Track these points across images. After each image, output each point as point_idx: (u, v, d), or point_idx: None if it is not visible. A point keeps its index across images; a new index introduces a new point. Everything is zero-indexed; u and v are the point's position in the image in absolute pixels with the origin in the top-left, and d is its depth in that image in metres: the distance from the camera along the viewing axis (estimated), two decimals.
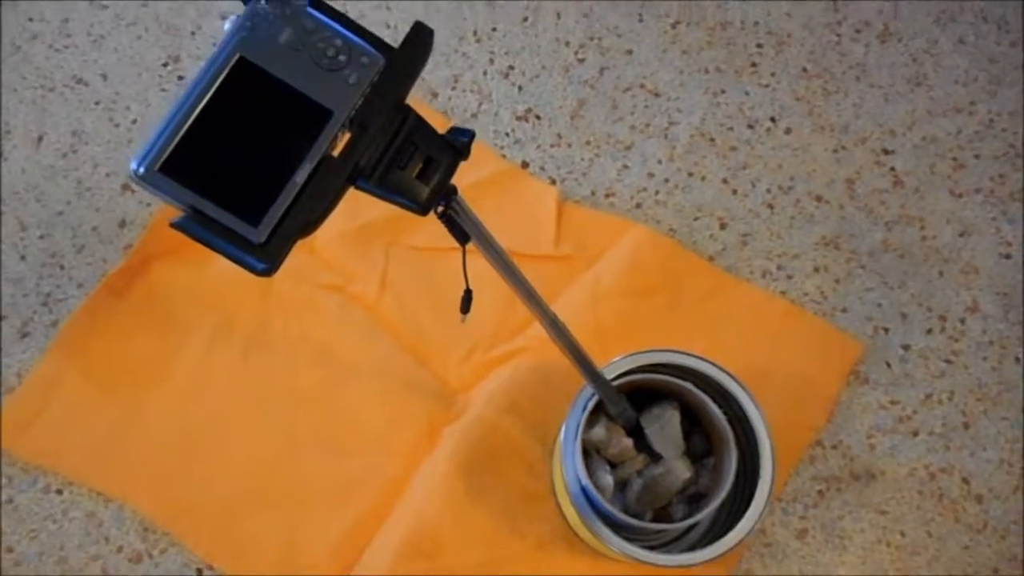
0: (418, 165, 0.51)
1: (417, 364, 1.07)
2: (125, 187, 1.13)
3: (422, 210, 0.51)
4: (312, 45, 0.48)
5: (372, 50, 0.49)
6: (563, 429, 0.86)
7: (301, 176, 0.47)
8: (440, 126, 0.53)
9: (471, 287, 0.64)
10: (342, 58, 0.48)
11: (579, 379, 0.81)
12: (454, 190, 0.54)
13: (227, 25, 0.47)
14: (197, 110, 0.46)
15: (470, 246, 0.59)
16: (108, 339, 1.07)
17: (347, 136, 0.49)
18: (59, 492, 1.02)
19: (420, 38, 0.51)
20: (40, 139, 1.16)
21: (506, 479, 1.01)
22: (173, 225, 0.46)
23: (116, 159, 1.15)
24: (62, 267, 1.10)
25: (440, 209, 0.55)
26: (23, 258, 1.10)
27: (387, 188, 0.50)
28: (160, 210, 1.12)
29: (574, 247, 1.11)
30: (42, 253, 1.11)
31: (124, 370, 1.06)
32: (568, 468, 0.83)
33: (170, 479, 1.02)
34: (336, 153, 0.48)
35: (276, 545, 1.00)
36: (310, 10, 0.48)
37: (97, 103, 1.18)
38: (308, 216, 0.47)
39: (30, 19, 1.21)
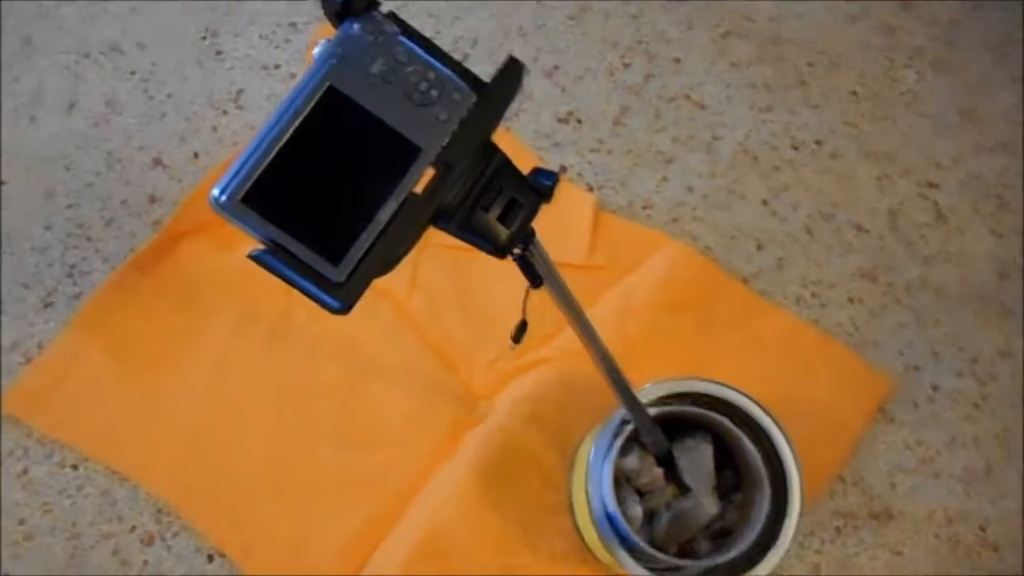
0: (500, 207, 0.49)
1: (442, 366, 1.06)
2: (156, 161, 1.12)
3: (500, 254, 0.50)
4: (404, 77, 0.46)
5: (464, 85, 0.47)
6: (592, 448, 0.85)
7: (385, 214, 0.45)
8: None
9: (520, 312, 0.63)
10: (434, 93, 0.46)
11: (604, 393, 0.79)
12: (532, 233, 0.52)
13: (316, 50, 0.45)
14: (283, 140, 0.44)
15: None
16: (131, 316, 1.06)
17: (432, 173, 0.47)
18: (74, 467, 1.01)
19: (511, 74, 0.49)
20: (72, 106, 1.14)
21: (524, 489, 1.00)
22: (251, 257, 0.44)
23: (149, 132, 1.13)
24: (89, 239, 1.09)
25: (517, 251, 0.53)
26: (48, 227, 1.09)
27: (468, 230, 0.48)
28: (193, 188, 1.10)
29: (607, 258, 1.10)
30: (68, 223, 1.09)
31: (146, 349, 1.05)
32: (595, 491, 0.82)
33: (184, 463, 1.02)
34: (420, 191, 0.47)
35: (287, 537, 1.00)
36: (402, 39, 0.46)
37: (133, 73, 1.16)
38: (388, 256, 0.45)
39: None
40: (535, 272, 0.54)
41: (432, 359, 1.06)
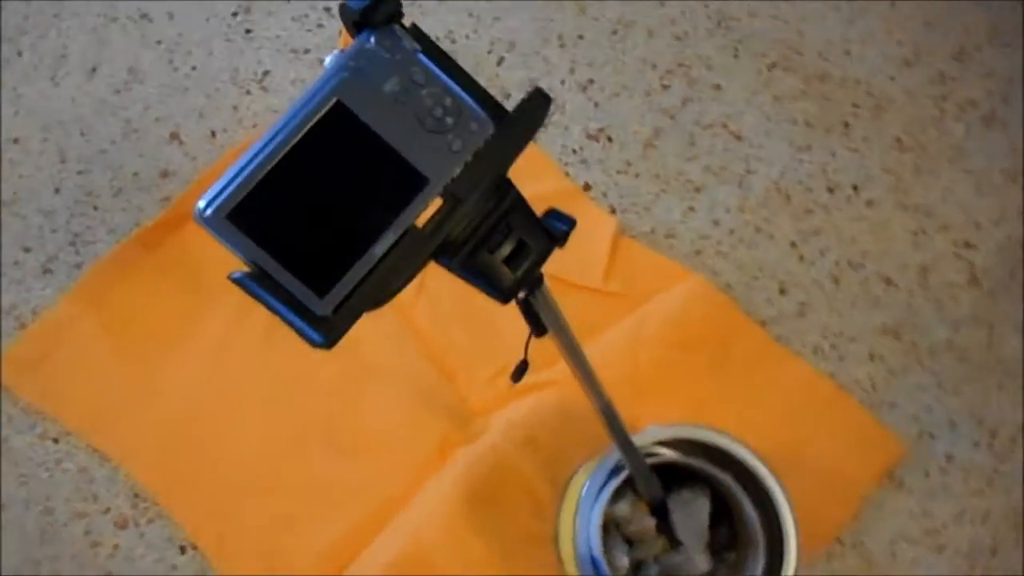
0: (509, 248, 0.45)
1: (440, 377, 1.03)
2: (173, 136, 1.09)
3: (503, 299, 0.46)
4: (418, 100, 0.42)
5: (483, 114, 0.43)
6: (585, 485, 0.82)
7: (381, 247, 0.41)
8: None
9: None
10: (449, 120, 0.42)
11: (601, 426, 0.75)
12: (540, 279, 0.49)
13: (328, 60, 0.42)
14: (280, 154, 0.40)
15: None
16: (131, 292, 1.03)
17: (437, 205, 0.43)
18: (55, 441, 0.99)
19: (535, 106, 0.45)
20: (94, 70, 1.11)
21: (511, 516, 0.97)
22: (232, 280, 0.41)
23: (168, 105, 1.10)
24: (96, 208, 1.06)
25: (521, 295, 0.49)
26: (57, 191, 1.06)
27: (471, 270, 0.45)
28: (207, 167, 1.07)
29: (624, 285, 1.06)
30: (78, 189, 1.06)
31: (142, 328, 1.02)
32: (582, 532, 0.78)
33: (169, 449, 0.99)
34: (421, 224, 0.43)
35: (265, 537, 0.97)
36: (421, 57, 0.42)
37: (159, 42, 1.13)
38: (380, 292, 0.42)
39: None
40: (539, 321, 0.50)
41: (431, 369, 1.03)
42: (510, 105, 0.86)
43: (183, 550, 0.96)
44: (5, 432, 0.98)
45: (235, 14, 1.14)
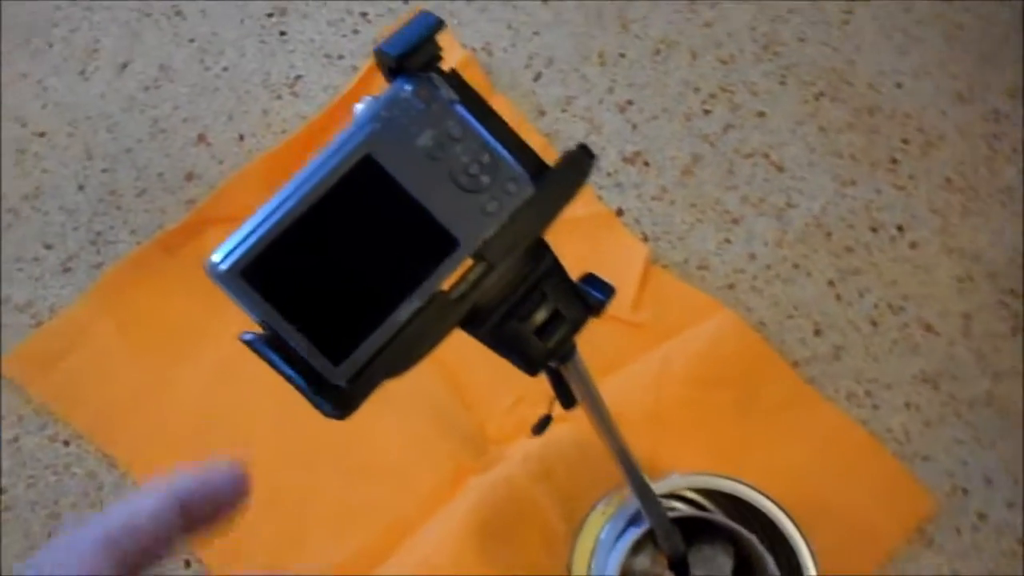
0: (541, 317, 0.42)
1: (458, 400, 1.00)
2: (201, 137, 1.07)
3: (531, 371, 0.43)
4: (453, 156, 0.38)
5: (522, 173, 0.40)
6: (603, 530, 0.79)
7: (405, 313, 0.38)
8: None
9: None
10: (484, 179, 0.39)
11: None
12: (573, 348, 0.45)
13: (359, 107, 0.38)
14: (302, 209, 0.36)
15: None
16: (150, 296, 1.01)
17: (465, 270, 0.40)
18: (66, 443, 0.97)
19: (579, 164, 0.41)
20: (125, 66, 1.09)
21: (522, 551, 0.94)
22: (243, 341, 0.38)
23: (198, 105, 1.08)
24: (119, 207, 1.04)
25: (552, 365, 0.46)
26: (81, 188, 1.05)
27: (498, 339, 0.42)
28: (233, 172, 1.05)
29: (652, 317, 1.02)
30: (102, 188, 1.05)
31: (158, 333, 1.01)
32: None
33: (177, 457, 0.97)
34: (448, 288, 0.40)
35: (267, 552, 0.95)
36: (458, 109, 0.39)
37: (192, 40, 1.11)
38: (400, 361, 0.39)
39: None
40: (569, 393, 0.47)
41: (449, 393, 1.00)
42: (548, 124, 0.81)
43: (188, 564, 0.94)
44: (16, 432, 0.97)
45: (270, 15, 1.12)
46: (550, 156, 0.43)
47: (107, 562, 0.29)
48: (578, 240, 1.05)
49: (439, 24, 0.39)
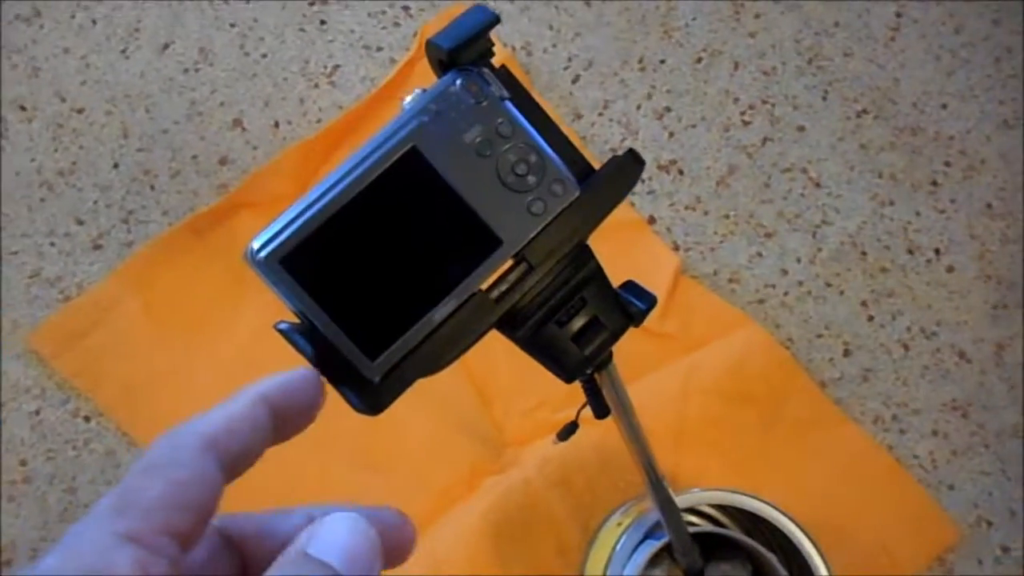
0: (580, 323, 0.41)
1: (478, 399, 0.99)
2: (236, 122, 1.07)
3: (567, 378, 0.42)
4: (501, 154, 0.38)
5: (569, 176, 0.39)
6: (620, 541, 0.78)
7: (442, 312, 0.37)
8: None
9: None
10: (531, 179, 0.38)
11: (639, 475, 0.71)
12: (609, 357, 0.44)
13: (407, 101, 0.38)
14: (344, 199, 0.36)
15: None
16: (178, 277, 1.01)
17: (505, 269, 0.39)
18: (87, 419, 0.97)
19: (627, 171, 0.41)
20: (166, 47, 1.09)
21: (536, 556, 0.93)
22: (278, 330, 0.38)
23: (235, 90, 1.08)
24: (152, 187, 1.04)
25: (588, 373, 0.45)
26: (116, 166, 1.05)
27: (534, 344, 0.41)
28: (267, 159, 1.05)
29: (679, 328, 1.01)
30: (136, 167, 1.05)
31: (184, 314, 1.01)
32: None
33: None
34: (486, 288, 0.39)
35: None
36: (508, 106, 0.38)
37: (232, 25, 1.11)
38: (434, 360, 0.38)
39: None
40: (602, 402, 0.46)
41: (470, 389, 0.99)
42: (583, 127, 0.80)
43: None
44: (37, 405, 0.97)
45: (311, 3, 1.12)
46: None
47: (213, 464, 0.30)
48: (608, 246, 1.02)
49: (495, 19, 0.38)
